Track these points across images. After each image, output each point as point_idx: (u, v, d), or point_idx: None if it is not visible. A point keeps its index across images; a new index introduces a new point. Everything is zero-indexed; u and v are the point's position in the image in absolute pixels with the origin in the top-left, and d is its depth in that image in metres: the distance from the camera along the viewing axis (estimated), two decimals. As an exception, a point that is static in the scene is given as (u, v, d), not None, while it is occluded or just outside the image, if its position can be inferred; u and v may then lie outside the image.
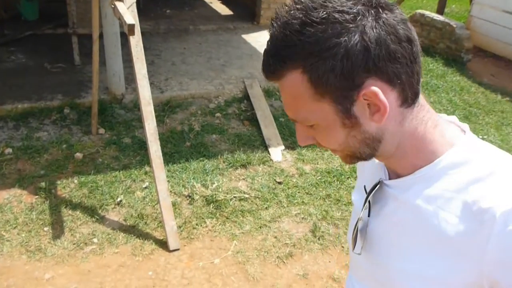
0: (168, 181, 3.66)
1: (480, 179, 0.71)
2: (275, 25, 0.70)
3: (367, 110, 0.71)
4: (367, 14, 0.67)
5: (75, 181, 3.59)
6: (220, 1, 8.53)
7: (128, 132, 4.27)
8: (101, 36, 4.41)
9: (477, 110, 5.40)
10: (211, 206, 3.43)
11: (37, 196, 3.40)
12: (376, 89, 0.69)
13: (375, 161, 0.86)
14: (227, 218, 3.34)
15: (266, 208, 3.47)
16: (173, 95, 4.79)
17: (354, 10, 0.67)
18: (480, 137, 3.81)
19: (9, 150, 3.86)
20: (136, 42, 3.09)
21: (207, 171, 3.81)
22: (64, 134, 4.14)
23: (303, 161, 4.06)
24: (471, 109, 5.43)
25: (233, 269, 2.92)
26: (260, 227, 3.28)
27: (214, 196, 3.51)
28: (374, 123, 0.73)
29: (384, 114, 0.71)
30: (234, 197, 3.55)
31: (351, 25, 0.66)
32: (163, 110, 4.65)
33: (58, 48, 5.50)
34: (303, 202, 3.57)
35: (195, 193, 3.54)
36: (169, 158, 3.95)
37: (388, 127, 0.74)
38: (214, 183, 3.66)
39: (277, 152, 4.14)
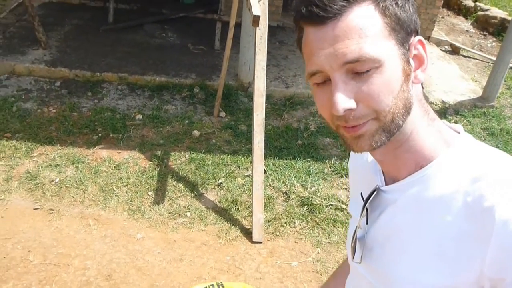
0: (270, 174, 3.69)
1: (478, 178, 0.69)
2: None
3: (414, 62, 0.73)
4: None
5: (187, 155, 3.82)
6: None
7: (246, 120, 4.40)
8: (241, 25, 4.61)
9: None
10: (305, 208, 3.37)
11: (151, 162, 3.70)
12: (423, 38, 0.73)
13: (369, 167, 0.86)
14: (317, 224, 3.26)
15: (361, 223, 3.30)
16: (297, 92, 4.80)
17: None
18: None
19: (140, 116, 4.26)
20: (261, 34, 3.14)
21: (310, 172, 3.75)
22: (189, 111, 4.43)
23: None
24: None
25: (309, 276, 2.84)
26: (349, 242, 3.13)
27: (311, 199, 3.44)
28: (413, 85, 0.73)
29: (425, 69, 0.73)
30: (331, 204, 3.44)
31: None
32: (284, 105, 4.70)
33: (204, 31, 5.87)
34: (403, 226, 3.32)
35: (293, 192, 3.51)
36: (277, 152, 3.98)
37: (413, 101, 0.73)
38: (314, 186, 3.59)
39: (388, 169, 3.90)
